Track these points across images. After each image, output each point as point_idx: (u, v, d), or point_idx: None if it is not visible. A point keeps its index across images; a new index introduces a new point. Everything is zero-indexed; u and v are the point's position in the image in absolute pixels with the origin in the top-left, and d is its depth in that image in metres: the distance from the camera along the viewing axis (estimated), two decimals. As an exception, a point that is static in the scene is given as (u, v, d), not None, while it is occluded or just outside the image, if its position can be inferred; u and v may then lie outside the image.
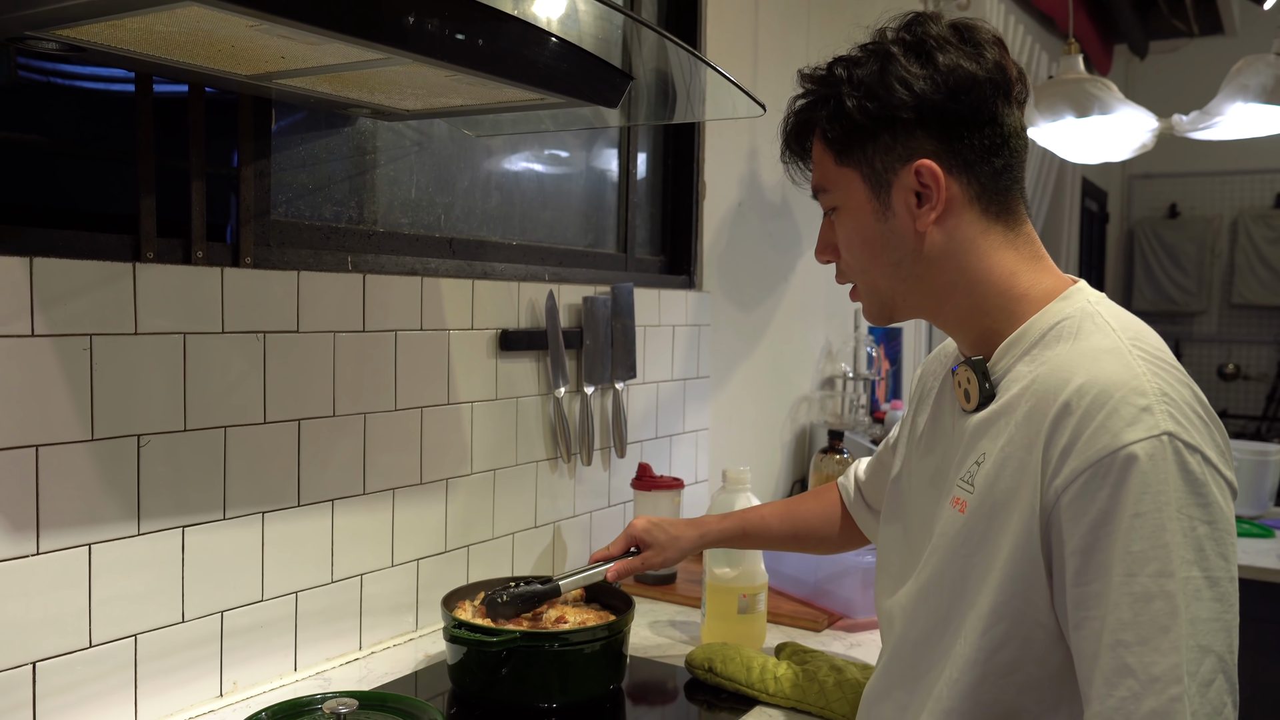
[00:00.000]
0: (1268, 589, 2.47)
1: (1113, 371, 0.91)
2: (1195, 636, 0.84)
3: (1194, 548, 0.85)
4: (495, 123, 1.74)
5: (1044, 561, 0.92)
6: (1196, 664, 0.84)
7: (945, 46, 0.99)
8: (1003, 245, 1.04)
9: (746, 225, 2.67)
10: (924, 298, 1.07)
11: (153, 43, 1.11)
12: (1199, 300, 7.07)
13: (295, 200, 1.57)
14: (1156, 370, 0.91)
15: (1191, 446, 0.87)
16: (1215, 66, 2.68)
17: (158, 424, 1.29)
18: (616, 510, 2.17)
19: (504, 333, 1.82)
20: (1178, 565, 0.84)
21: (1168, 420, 0.87)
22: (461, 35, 1.11)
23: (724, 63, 2.49)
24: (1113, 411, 0.88)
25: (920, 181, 1.01)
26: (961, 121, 1.00)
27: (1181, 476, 0.86)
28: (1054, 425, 0.91)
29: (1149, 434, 0.86)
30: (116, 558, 1.26)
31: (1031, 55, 4.39)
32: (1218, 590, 0.86)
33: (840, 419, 3.13)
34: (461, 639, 1.39)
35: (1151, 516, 0.85)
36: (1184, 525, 0.85)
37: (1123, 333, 0.95)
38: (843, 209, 1.08)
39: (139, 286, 1.26)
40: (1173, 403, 0.89)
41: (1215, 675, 0.84)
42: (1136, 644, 0.85)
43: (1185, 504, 0.86)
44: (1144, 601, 0.85)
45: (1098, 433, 0.88)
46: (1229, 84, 2.48)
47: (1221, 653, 0.85)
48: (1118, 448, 0.87)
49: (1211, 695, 0.84)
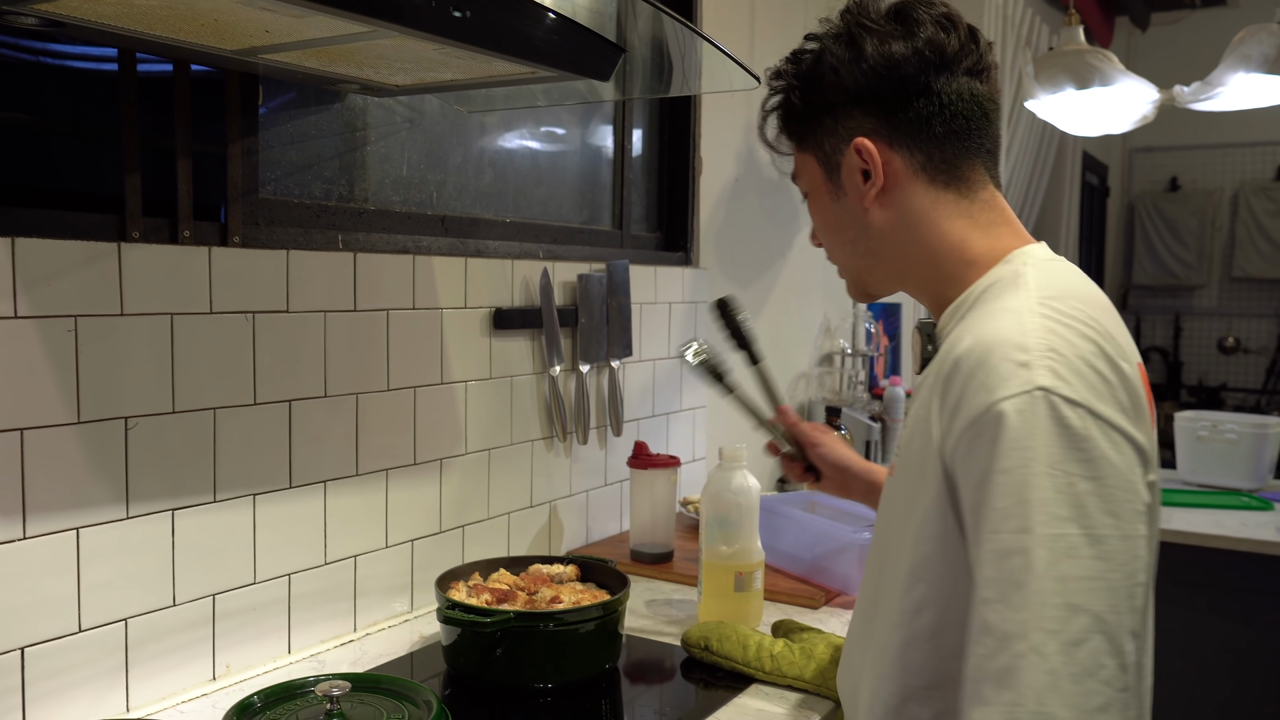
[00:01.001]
0: (1268, 561, 2.47)
1: (1000, 328, 0.90)
2: (1063, 594, 0.81)
3: (1071, 504, 0.83)
4: (488, 98, 1.72)
5: (957, 522, 0.91)
6: (1062, 622, 0.81)
7: (872, 32, 1.04)
8: (955, 214, 1.05)
9: (743, 201, 2.65)
10: (886, 272, 1.12)
11: (134, 17, 1.09)
12: (1199, 274, 7.04)
13: (284, 178, 1.55)
14: (1054, 327, 0.90)
15: (1072, 401, 0.85)
16: (1217, 38, 2.65)
17: (145, 406, 1.28)
18: (613, 489, 2.16)
19: (498, 311, 1.81)
20: (1040, 521, 0.82)
21: (1046, 375, 0.85)
22: (449, 6, 1.08)
23: (720, 35, 2.46)
24: (992, 369, 0.87)
25: (861, 159, 1.06)
26: (893, 97, 1.04)
27: (1056, 431, 0.84)
28: (945, 385, 0.92)
29: (1021, 389, 0.85)
30: (105, 541, 1.24)
31: (1032, 27, 4.34)
32: (1101, 549, 0.82)
33: (839, 395, 3.11)
34: (455, 620, 1.38)
35: (1016, 472, 0.84)
36: (1057, 481, 0.83)
37: (1038, 292, 0.94)
38: (809, 193, 1.15)
39: (124, 267, 1.25)
40: (1060, 357, 0.87)
41: (1089, 635, 0.81)
42: (996, 600, 0.84)
43: (1059, 459, 0.83)
44: (1004, 558, 0.84)
45: (977, 390, 0.88)
46: (1230, 54, 2.45)
47: (1100, 612, 0.81)
48: (991, 404, 0.86)
49: (1082, 656, 0.81)
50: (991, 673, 0.83)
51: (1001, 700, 0.82)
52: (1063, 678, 0.80)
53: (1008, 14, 4.01)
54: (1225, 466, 2.92)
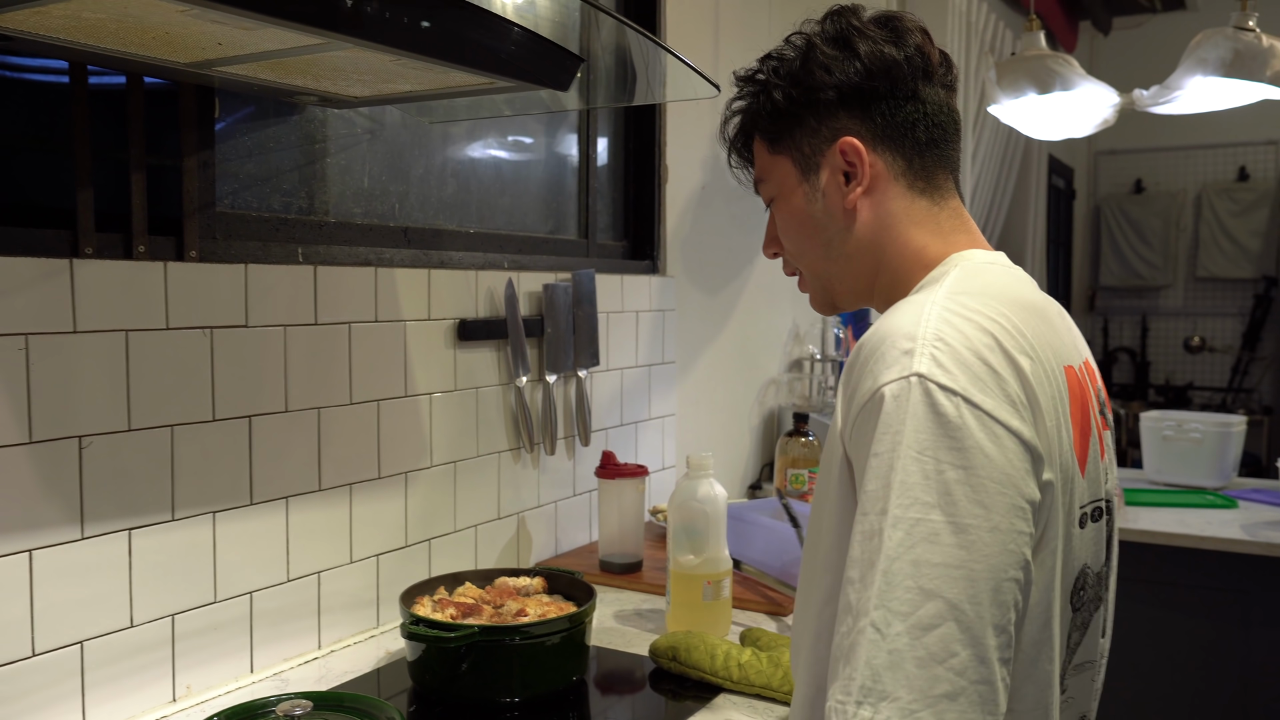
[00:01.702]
0: (1233, 559, 2.49)
1: (900, 319, 0.91)
2: (917, 578, 0.81)
3: (938, 491, 0.82)
4: (449, 108, 1.71)
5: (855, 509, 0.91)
6: (913, 605, 0.80)
7: (864, 34, 1.05)
8: (924, 220, 1.06)
9: (710, 208, 2.65)
10: (855, 279, 1.10)
11: (83, 30, 1.07)
12: (1165, 274, 7.12)
13: (242, 191, 1.54)
14: (949, 318, 0.89)
15: (948, 389, 0.84)
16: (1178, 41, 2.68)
17: (100, 424, 1.26)
18: (582, 499, 2.15)
19: (462, 322, 1.79)
20: (901, 504, 0.82)
21: (925, 362, 0.85)
22: (402, 18, 1.07)
23: (685, 43, 2.46)
24: (880, 356, 0.88)
25: (846, 159, 1.06)
26: (881, 98, 1.05)
27: (929, 418, 0.84)
28: (847, 376, 0.93)
29: (899, 375, 0.86)
30: (59, 563, 1.22)
31: (996, 32, 4.38)
32: (965, 538, 0.81)
33: (809, 401, 3.12)
34: (419, 635, 1.36)
35: (886, 456, 0.84)
36: (925, 467, 0.83)
37: (950, 288, 0.94)
38: (779, 197, 1.12)
39: (77, 283, 1.23)
40: (945, 347, 0.86)
41: (941, 622, 0.80)
42: (858, 580, 0.84)
43: (929, 446, 0.83)
44: (867, 539, 0.84)
45: (864, 377, 0.89)
46: (1188, 58, 2.48)
47: (956, 600, 0.80)
48: (875, 389, 0.87)
49: (931, 641, 0.80)
50: (844, 650, 0.83)
51: (842, 675, 0.82)
52: (906, 659, 0.79)
53: (971, 19, 4.04)
54: (1190, 465, 2.95)
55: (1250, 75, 2.43)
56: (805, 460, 2.29)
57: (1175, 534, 2.53)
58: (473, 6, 1.15)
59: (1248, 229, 6.81)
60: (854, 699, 0.80)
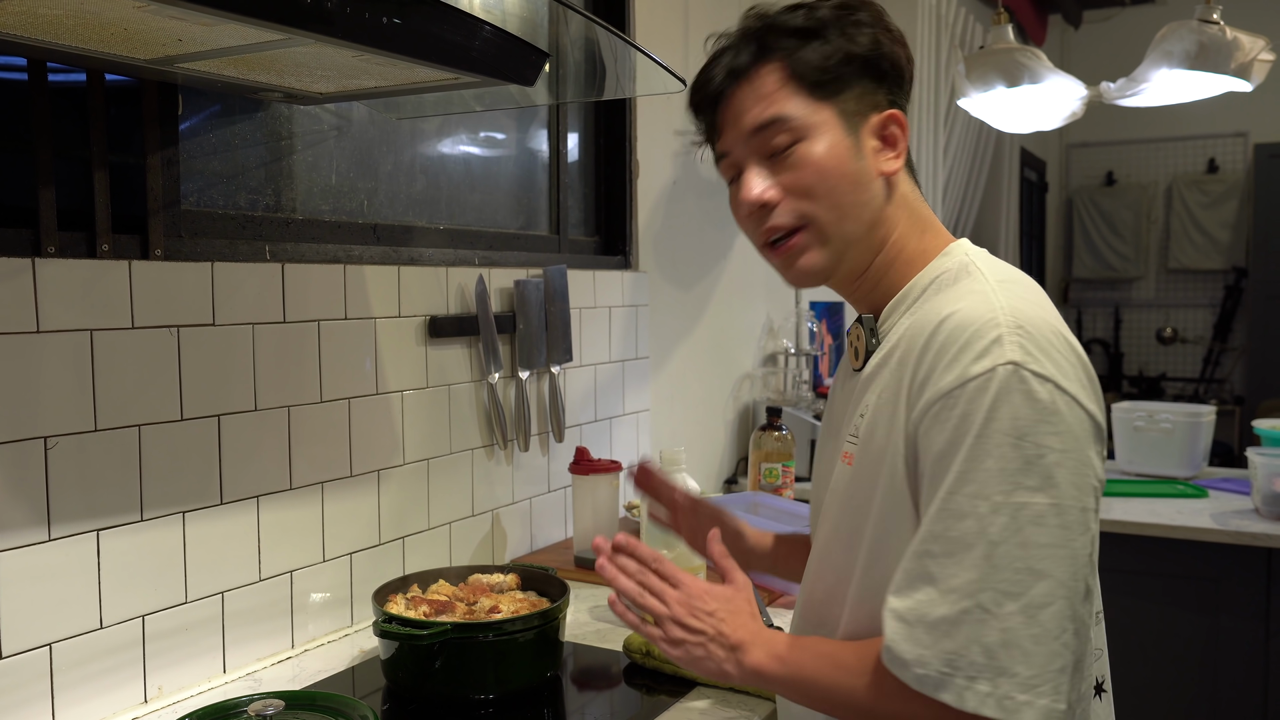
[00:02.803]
0: (1203, 548, 2.52)
1: (972, 307, 0.93)
2: (1027, 560, 0.85)
3: (1041, 475, 0.86)
4: (417, 104, 1.70)
5: (911, 498, 0.95)
6: (1024, 586, 0.85)
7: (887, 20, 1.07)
8: (918, 206, 1.09)
9: (682, 203, 2.65)
10: (866, 248, 1.06)
11: (40, 26, 1.06)
12: (1136, 266, 7.18)
13: (207, 189, 1.52)
14: (1019, 305, 0.93)
15: (1040, 375, 0.88)
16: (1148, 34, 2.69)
17: (65, 425, 1.24)
18: (556, 495, 2.15)
19: (433, 319, 1.79)
20: (1004, 490, 0.86)
21: (1016, 351, 0.88)
22: (364, 13, 1.07)
23: (654, 38, 2.46)
24: (965, 345, 0.90)
25: (886, 130, 1.05)
26: (901, 89, 1.08)
27: (1028, 405, 0.87)
28: (916, 363, 0.94)
29: (995, 363, 0.88)
30: (26, 565, 1.21)
31: (965, 26, 4.40)
32: (1065, 518, 0.86)
33: (783, 395, 3.13)
34: (392, 634, 1.36)
35: (982, 442, 0.87)
36: (1027, 452, 0.86)
37: (992, 277, 0.98)
38: (816, 140, 1.03)
39: (39, 282, 1.21)
40: (1027, 335, 0.90)
41: (1052, 600, 0.85)
42: (941, 555, 0.87)
43: (1029, 431, 0.87)
44: (956, 518, 0.87)
45: (950, 365, 0.90)
46: (1153, 50, 2.50)
47: (1063, 579, 0.85)
48: (966, 379, 0.89)
49: (1046, 619, 0.85)
50: (933, 620, 0.86)
51: (940, 648, 0.86)
52: (1022, 638, 0.84)
53: (941, 13, 4.06)
54: (1161, 455, 2.97)
55: (1215, 68, 2.45)
56: (779, 454, 2.30)
57: (1146, 524, 2.55)
58: (436, 2, 1.14)
59: (1218, 221, 6.88)
60: (963, 674, 0.85)
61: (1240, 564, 2.48)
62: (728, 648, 1.02)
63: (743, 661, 1.01)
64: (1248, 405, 6.34)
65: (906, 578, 0.90)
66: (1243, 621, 2.50)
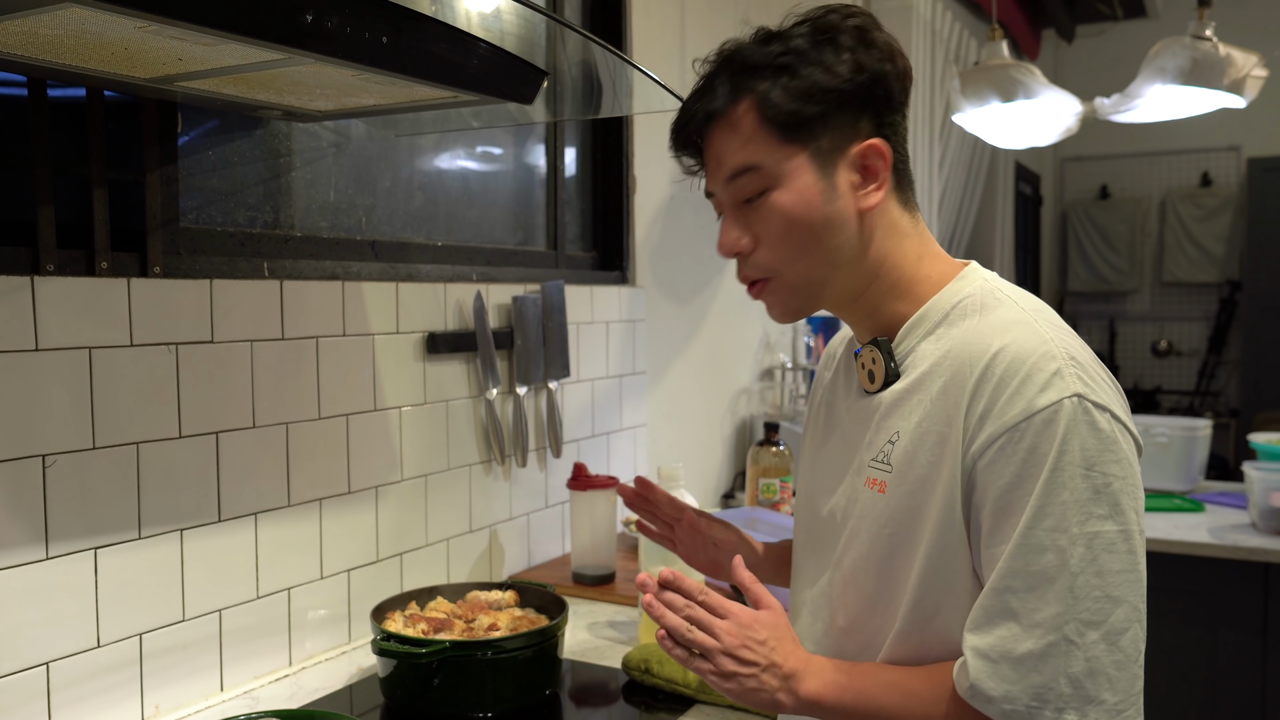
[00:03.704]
0: (1198, 563, 2.52)
1: (1024, 339, 0.94)
2: (1104, 588, 0.88)
3: (1109, 503, 0.89)
4: (415, 121, 1.71)
5: (965, 527, 0.95)
6: (1103, 614, 0.87)
7: (872, 36, 1.01)
8: (912, 232, 1.07)
9: (679, 219, 2.66)
10: (850, 286, 1.05)
11: (40, 46, 1.06)
12: (1131, 279, 7.19)
13: (206, 206, 1.53)
14: (1063, 336, 0.96)
15: (1100, 405, 0.91)
16: (1140, 49, 2.71)
17: (64, 443, 1.24)
18: (554, 511, 2.14)
19: (431, 335, 1.79)
20: (1078, 520, 0.88)
21: (1076, 382, 0.91)
22: (364, 33, 1.07)
23: (650, 53, 2.47)
24: (1026, 378, 0.91)
25: (866, 161, 1.01)
26: (890, 108, 1.03)
27: (1093, 435, 0.89)
28: (973, 394, 0.94)
29: (1060, 396, 0.90)
30: (24, 583, 1.21)
31: (960, 41, 4.42)
32: (1132, 543, 0.90)
33: (780, 410, 3.13)
34: (390, 651, 1.36)
35: (1057, 475, 0.88)
36: (1095, 482, 0.88)
37: (1025, 305, 1.00)
38: (782, 190, 1.01)
39: (38, 300, 1.22)
40: (1080, 365, 0.92)
41: (1129, 624, 0.88)
42: (1023, 590, 0.89)
43: (1096, 461, 0.89)
44: (1036, 553, 0.88)
45: (1013, 399, 0.91)
46: (1147, 66, 2.51)
47: (1135, 603, 0.89)
48: (1033, 412, 0.90)
49: (1125, 644, 0.88)
50: (1019, 655, 0.88)
51: (1027, 683, 0.88)
52: (1106, 665, 0.87)
53: (936, 28, 4.08)
54: (1157, 469, 2.98)
55: (1208, 83, 2.47)
56: (777, 470, 2.30)
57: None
58: (434, 21, 1.15)
59: (1212, 234, 6.90)
60: (1052, 706, 0.87)
61: (1237, 578, 2.49)
62: (781, 677, 0.98)
63: (797, 691, 0.98)
64: (1243, 418, 6.35)
65: (986, 614, 0.91)
66: (1240, 636, 2.50)
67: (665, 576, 1.02)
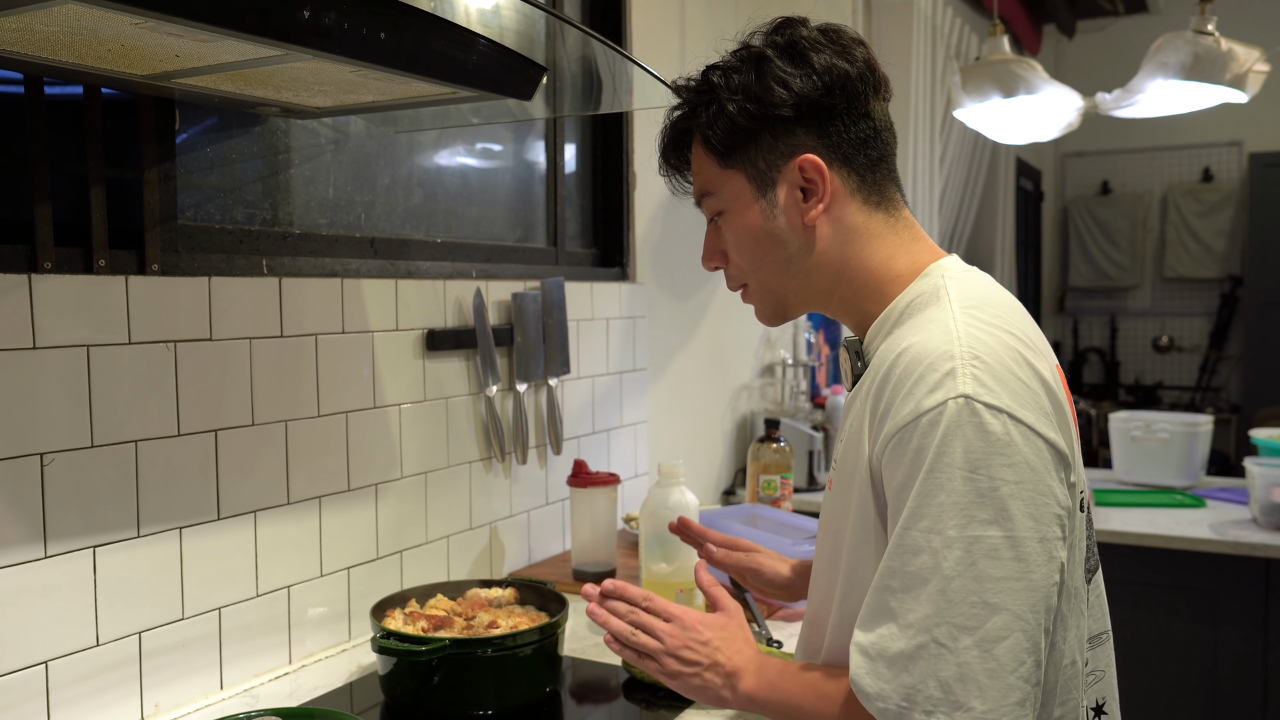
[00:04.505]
0: (1201, 559, 2.52)
1: (929, 339, 0.93)
2: (981, 594, 0.85)
3: (994, 507, 0.86)
4: (414, 118, 1.70)
5: (880, 525, 0.96)
6: (979, 620, 0.85)
7: (817, 46, 1.03)
8: (885, 232, 1.07)
9: (679, 215, 2.65)
10: (814, 292, 1.09)
11: (36, 43, 1.06)
12: (1132, 275, 7.19)
13: (204, 203, 1.52)
14: (978, 334, 0.92)
15: (994, 407, 0.88)
16: (1141, 44, 2.71)
17: (62, 441, 1.24)
18: (555, 508, 2.14)
19: (430, 332, 1.79)
20: (957, 524, 0.86)
21: (969, 383, 0.88)
22: (361, 29, 1.07)
23: (650, 49, 2.47)
24: (920, 378, 0.91)
25: (804, 176, 1.04)
26: (838, 116, 1.04)
27: (979, 437, 0.87)
28: (876, 395, 0.95)
29: (947, 396, 0.88)
30: (22, 582, 1.21)
31: (961, 37, 4.41)
32: (1021, 550, 0.86)
33: (781, 406, 3.12)
34: (390, 649, 1.35)
35: (935, 475, 0.87)
36: (979, 485, 0.86)
37: (958, 303, 0.97)
38: (729, 212, 1.09)
39: (36, 298, 1.21)
40: (983, 365, 0.90)
41: (1008, 634, 0.85)
42: (900, 590, 0.88)
43: (982, 464, 0.86)
44: (911, 554, 0.88)
45: (905, 399, 0.91)
46: (1149, 62, 2.51)
47: (1020, 612, 0.85)
48: (920, 413, 0.89)
49: (1001, 653, 0.85)
50: (892, 655, 0.87)
51: (899, 682, 0.87)
52: (977, 672, 0.84)
53: (937, 24, 4.07)
54: (1159, 465, 2.98)
55: (1210, 78, 2.46)
56: (777, 466, 2.30)
57: (1145, 534, 2.55)
58: (432, 17, 1.15)
59: (1213, 229, 6.89)
60: (920, 708, 0.85)
61: (1239, 574, 2.48)
62: (724, 675, 1.04)
63: (737, 688, 1.04)
64: (1244, 413, 6.35)
65: (869, 611, 0.91)
66: (1241, 632, 2.50)
67: (606, 587, 1.13)
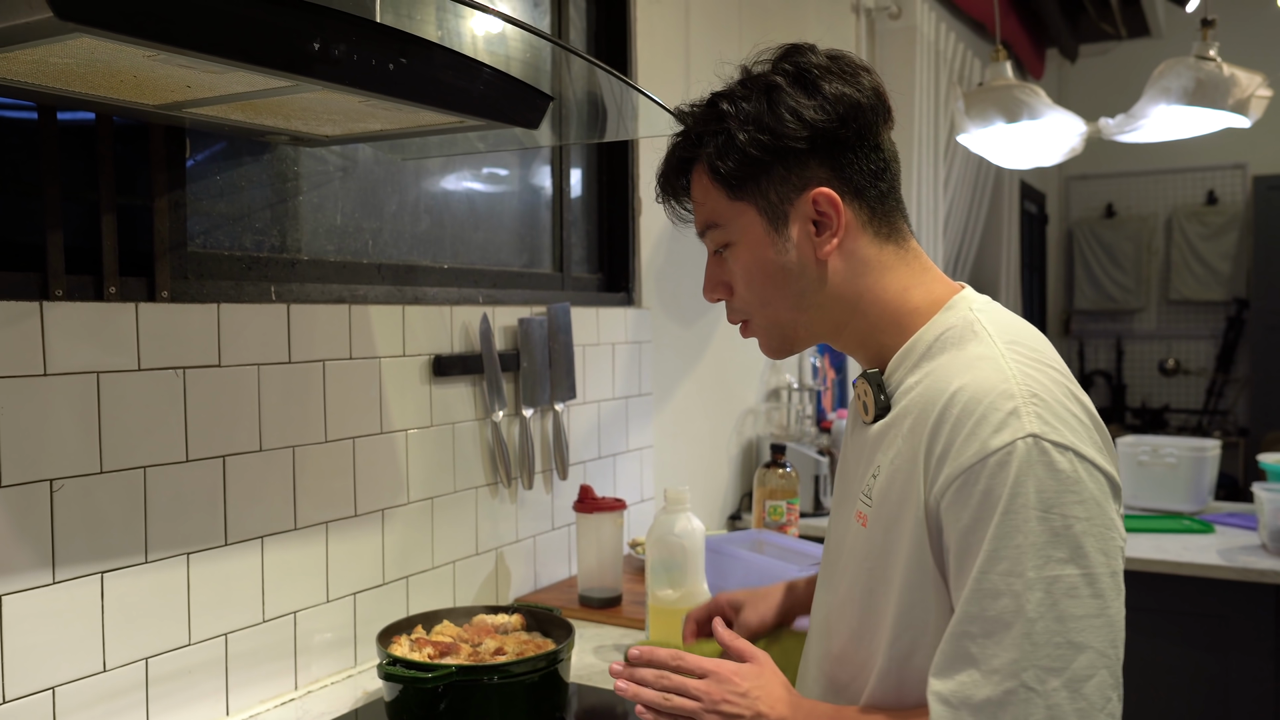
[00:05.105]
0: (1208, 585, 2.50)
1: (984, 377, 0.92)
2: (1065, 634, 0.85)
3: (1069, 546, 0.86)
4: (421, 145, 1.72)
5: (936, 568, 0.94)
6: (1065, 660, 0.85)
7: (827, 75, 1.02)
8: (896, 264, 1.06)
9: (684, 240, 2.66)
10: (825, 325, 1.08)
11: (50, 75, 1.07)
12: (1138, 297, 7.19)
13: (214, 231, 1.54)
14: (1030, 372, 0.92)
15: (1061, 445, 0.88)
16: (1144, 68, 2.72)
17: (72, 467, 1.25)
18: (561, 533, 2.14)
19: (437, 358, 1.79)
20: (1035, 565, 0.85)
21: (1034, 422, 0.88)
22: (370, 60, 1.08)
23: (655, 76, 2.49)
24: (982, 418, 0.90)
25: (818, 209, 1.02)
26: (850, 148, 1.02)
27: (1050, 476, 0.87)
28: (931, 434, 0.93)
29: (1015, 436, 0.88)
30: (30, 608, 1.21)
31: (964, 62, 4.44)
32: (1098, 586, 0.86)
33: (786, 430, 3.12)
34: (396, 676, 1.35)
35: (1010, 517, 0.87)
36: (1054, 524, 0.86)
37: (999, 338, 0.97)
38: (738, 244, 1.07)
39: (47, 325, 1.22)
40: (1042, 403, 0.90)
41: (1095, 672, 0.85)
42: (980, 636, 0.87)
43: (1056, 503, 0.86)
44: (991, 598, 0.87)
45: (968, 440, 0.90)
46: (1151, 87, 2.52)
47: (1102, 648, 0.86)
48: (986, 454, 0.88)
49: (1089, 691, 0.85)
50: (977, 703, 0.86)
51: None
52: (1068, 713, 0.84)
53: (940, 49, 4.09)
54: (1166, 490, 2.96)
55: (1212, 104, 2.47)
56: (783, 491, 2.29)
57: (1153, 560, 2.54)
58: (440, 48, 1.16)
59: (1218, 252, 6.90)
60: None
61: (1248, 600, 2.47)
62: None
63: None
64: (1252, 436, 6.32)
65: (946, 659, 0.89)
66: (1252, 659, 2.49)
67: (632, 654, 1.07)
